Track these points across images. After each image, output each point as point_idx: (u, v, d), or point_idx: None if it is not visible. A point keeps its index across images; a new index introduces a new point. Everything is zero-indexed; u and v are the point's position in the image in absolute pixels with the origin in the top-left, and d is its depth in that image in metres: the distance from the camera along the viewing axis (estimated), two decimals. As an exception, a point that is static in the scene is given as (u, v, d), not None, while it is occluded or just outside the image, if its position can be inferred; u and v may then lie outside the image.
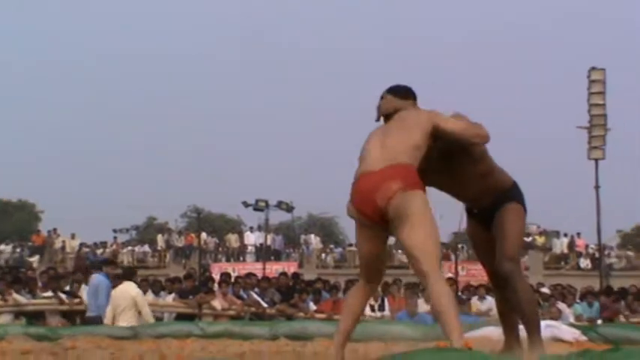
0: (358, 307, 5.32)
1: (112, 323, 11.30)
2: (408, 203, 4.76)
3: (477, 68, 73.24)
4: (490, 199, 5.51)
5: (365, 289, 5.31)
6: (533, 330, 5.30)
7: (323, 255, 37.87)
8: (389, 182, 4.78)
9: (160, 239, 39.22)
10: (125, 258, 35.62)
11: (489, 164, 5.54)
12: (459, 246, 32.00)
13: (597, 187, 17.82)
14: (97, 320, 11.95)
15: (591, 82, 18.05)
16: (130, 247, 35.55)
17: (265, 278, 17.07)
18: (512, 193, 5.55)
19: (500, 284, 5.49)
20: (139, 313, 11.63)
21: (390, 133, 5.15)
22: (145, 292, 15.34)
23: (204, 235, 35.51)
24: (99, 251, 36.56)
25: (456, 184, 5.56)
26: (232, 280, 16.50)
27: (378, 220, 4.87)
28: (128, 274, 12.75)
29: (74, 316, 13.79)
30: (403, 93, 5.44)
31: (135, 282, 12.51)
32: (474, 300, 16.10)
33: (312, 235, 38.84)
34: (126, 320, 11.30)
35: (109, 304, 11.88)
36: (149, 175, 63.08)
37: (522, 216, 5.48)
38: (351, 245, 40.11)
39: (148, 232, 44.45)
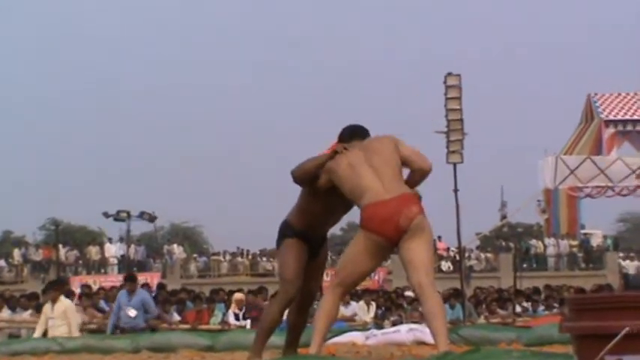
0: (335, 312, 6.03)
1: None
2: (424, 224, 5.79)
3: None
4: (325, 232, 6.40)
5: (341, 297, 6.17)
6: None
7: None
8: (410, 206, 5.77)
9: (17, 253, 38.13)
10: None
11: None
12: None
13: (456, 190, 18.09)
14: None
15: (448, 87, 18.32)
16: (-15, 262, 34.41)
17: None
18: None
19: (305, 303, 6.37)
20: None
21: (372, 158, 5.94)
22: None
23: (62, 248, 34.66)
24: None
25: (337, 211, 6.25)
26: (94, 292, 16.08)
27: (396, 239, 5.72)
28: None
29: None
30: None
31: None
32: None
33: (175, 245, 38.41)
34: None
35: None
36: (4, 187, 61.09)
37: None
38: (215, 254, 39.82)
39: (4, 246, 43.05)
